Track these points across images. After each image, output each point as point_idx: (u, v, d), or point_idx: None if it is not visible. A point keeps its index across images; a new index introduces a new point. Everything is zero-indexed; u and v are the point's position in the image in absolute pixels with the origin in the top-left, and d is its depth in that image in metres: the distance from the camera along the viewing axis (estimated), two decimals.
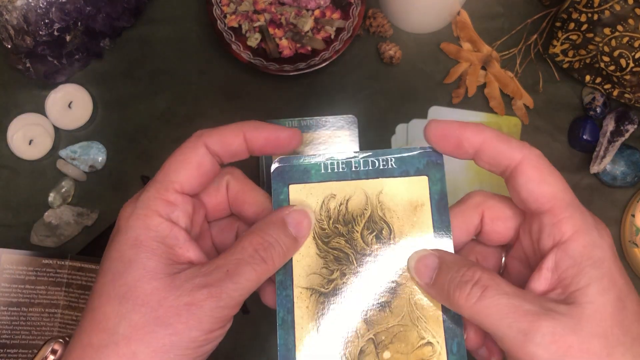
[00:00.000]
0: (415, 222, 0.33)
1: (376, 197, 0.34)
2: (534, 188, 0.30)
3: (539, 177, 0.30)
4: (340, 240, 0.33)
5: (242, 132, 0.34)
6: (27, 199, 0.63)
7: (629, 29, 0.56)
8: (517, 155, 0.30)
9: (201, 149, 0.33)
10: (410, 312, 0.32)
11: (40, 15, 0.58)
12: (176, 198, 0.32)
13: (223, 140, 0.33)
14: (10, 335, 0.58)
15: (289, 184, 0.34)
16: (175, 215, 0.31)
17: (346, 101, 0.65)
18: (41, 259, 0.59)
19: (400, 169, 0.34)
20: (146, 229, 0.30)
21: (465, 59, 0.65)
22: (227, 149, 0.34)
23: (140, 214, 0.31)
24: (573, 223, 0.29)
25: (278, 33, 0.64)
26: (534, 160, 0.30)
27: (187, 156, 0.33)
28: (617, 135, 0.62)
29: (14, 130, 0.62)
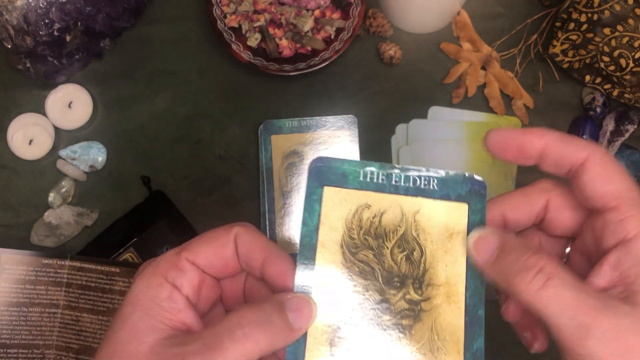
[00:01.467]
0: (449, 250, 0.32)
1: (412, 215, 0.32)
2: (599, 186, 0.30)
3: (605, 175, 0.30)
4: (369, 253, 0.32)
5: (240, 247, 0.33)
6: (27, 199, 0.63)
7: (629, 29, 0.56)
8: (582, 154, 0.30)
9: (231, 236, 0.32)
10: (430, 341, 0.31)
11: (40, 15, 0.58)
12: (185, 265, 0.31)
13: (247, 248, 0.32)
14: (11, 335, 0.58)
15: (324, 185, 0.33)
16: (180, 281, 0.31)
17: (346, 101, 0.65)
18: (41, 259, 0.59)
19: (441, 192, 0.33)
20: (147, 287, 0.30)
21: (465, 59, 0.65)
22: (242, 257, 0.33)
23: (147, 272, 0.31)
24: (638, 222, 0.29)
25: (278, 33, 0.64)
26: (598, 158, 0.30)
27: (214, 235, 0.32)
28: (617, 135, 0.62)
29: (14, 130, 0.62)
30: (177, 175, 0.64)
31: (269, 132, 0.63)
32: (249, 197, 0.63)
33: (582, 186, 0.30)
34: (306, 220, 0.32)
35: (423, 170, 0.33)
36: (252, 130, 0.64)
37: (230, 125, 0.64)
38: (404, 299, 0.31)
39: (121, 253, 0.60)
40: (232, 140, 0.64)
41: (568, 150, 0.30)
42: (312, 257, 0.32)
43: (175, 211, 0.62)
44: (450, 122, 0.64)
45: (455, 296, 0.31)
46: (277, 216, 0.62)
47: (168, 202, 0.63)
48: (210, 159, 0.64)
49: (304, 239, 0.32)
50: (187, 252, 0.31)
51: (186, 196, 0.63)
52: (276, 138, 0.63)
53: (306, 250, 0.32)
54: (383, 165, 0.33)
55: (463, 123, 0.64)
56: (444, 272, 0.32)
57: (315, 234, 0.32)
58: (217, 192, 0.63)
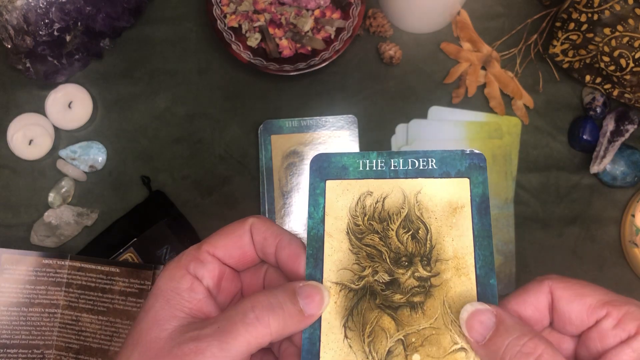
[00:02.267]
0: (454, 224, 0.32)
1: (414, 196, 0.33)
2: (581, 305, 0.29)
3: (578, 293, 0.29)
4: (375, 237, 0.33)
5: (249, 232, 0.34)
6: (27, 199, 0.63)
7: (629, 29, 0.56)
8: (545, 290, 0.30)
9: (246, 227, 0.34)
10: (444, 315, 0.31)
11: (40, 15, 0.58)
12: (205, 257, 0.33)
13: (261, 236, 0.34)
14: (10, 335, 0.58)
15: (326, 180, 0.34)
16: (200, 272, 0.32)
17: (346, 101, 0.65)
18: (41, 259, 0.59)
19: (440, 170, 0.33)
20: (169, 279, 0.32)
21: (465, 59, 0.65)
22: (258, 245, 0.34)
23: (170, 266, 0.32)
24: (634, 317, 0.28)
25: (278, 33, 0.64)
26: (561, 283, 0.30)
27: (231, 228, 0.34)
28: (617, 135, 0.62)
29: (14, 130, 0.62)
30: (177, 175, 0.64)
31: (269, 132, 0.63)
32: (249, 197, 0.63)
33: (567, 314, 0.29)
34: (312, 214, 0.34)
35: (420, 152, 0.34)
36: (252, 130, 0.64)
37: (230, 125, 0.64)
38: (413, 277, 0.32)
39: (121, 253, 0.60)
40: (232, 140, 0.64)
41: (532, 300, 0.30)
42: (321, 247, 0.33)
43: (175, 211, 0.62)
44: (450, 122, 0.64)
45: (465, 268, 0.32)
46: (277, 216, 0.62)
47: (168, 202, 0.63)
48: (210, 159, 0.64)
49: (311, 231, 0.33)
50: (207, 245, 0.33)
51: (186, 196, 0.63)
52: (276, 138, 0.63)
53: (314, 241, 0.33)
54: (381, 153, 0.34)
55: (463, 123, 0.64)
56: (451, 246, 0.32)
57: (322, 225, 0.33)
58: (217, 192, 0.63)
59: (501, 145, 0.63)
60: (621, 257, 0.63)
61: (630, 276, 0.63)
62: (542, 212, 0.63)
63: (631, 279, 0.63)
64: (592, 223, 0.63)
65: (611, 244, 0.63)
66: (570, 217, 0.63)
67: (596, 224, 0.63)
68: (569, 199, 0.64)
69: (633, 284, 0.63)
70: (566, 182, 0.64)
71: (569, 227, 0.63)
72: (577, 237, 0.63)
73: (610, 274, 0.63)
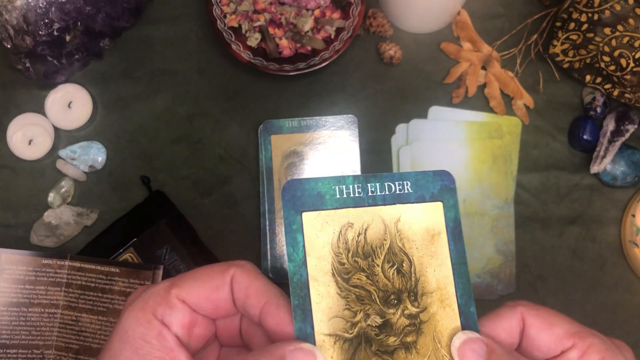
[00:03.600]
0: (434, 253, 0.31)
1: (395, 225, 0.31)
2: (549, 334, 0.29)
3: (548, 322, 0.29)
4: (361, 276, 0.30)
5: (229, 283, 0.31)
6: (27, 199, 0.63)
7: (629, 29, 0.56)
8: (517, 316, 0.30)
9: (226, 278, 0.31)
10: (435, 352, 0.30)
11: (40, 15, 0.58)
12: (175, 303, 0.30)
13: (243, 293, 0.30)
14: (10, 336, 0.58)
15: (302, 212, 0.30)
16: (168, 319, 0.30)
17: (346, 101, 0.65)
18: (41, 259, 0.59)
19: (416, 194, 0.31)
20: (136, 323, 0.29)
21: (465, 59, 0.65)
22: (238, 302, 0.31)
23: (136, 306, 0.30)
24: (598, 350, 0.28)
25: (278, 33, 0.64)
26: (532, 311, 0.30)
27: (209, 274, 0.31)
28: (618, 135, 0.62)
29: (13, 130, 0.62)
30: (176, 175, 0.64)
31: (269, 132, 0.63)
32: (249, 197, 0.63)
33: (536, 342, 0.30)
34: (291, 255, 0.30)
35: (396, 175, 0.32)
36: (252, 130, 0.64)
37: (230, 125, 0.64)
38: (404, 315, 0.30)
39: (121, 253, 0.60)
40: (232, 140, 0.64)
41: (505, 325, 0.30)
42: (307, 295, 0.30)
43: (175, 211, 0.62)
44: (451, 122, 0.64)
45: (448, 299, 0.31)
46: (277, 216, 0.62)
47: (168, 202, 0.63)
48: (210, 159, 0.64)
49: (293, 276, 0.30)
50: (178, 289, 0.30)
51: (186, 196, 0.63)
52: (276, 138, 0.63)
53: (298, 288, 0.30)
54: (357, 177, 0.31)
55: (463, 123, 0.64)
56: (434, 277, 0.31)
57: (305, 268, 0.30)
58: (217, 192, 0.63)
59: (501, 145, 0.63)
60: (621, 257, 0.63)
61: (630, 276, 0.63)
62: (542, 212, 0.63)
63: (631, 279, 0.63)
64: (592, 223, 0.63)
65: (611, 244, 0.63)
66: (570, 217, 0.63)
67: (596, 224, 0.63)
68: (569, 199, 0.64)
69: (633, 284, 0.63)
70: (566, 182, 0.64)
71: (569, 227, 0.63)
72: (577, 237, 0.63)
73: (610, 274, 0.63)
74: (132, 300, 0.30)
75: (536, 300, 0.62)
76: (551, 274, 0.63)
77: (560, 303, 0.62)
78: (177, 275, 0.31)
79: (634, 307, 0.62)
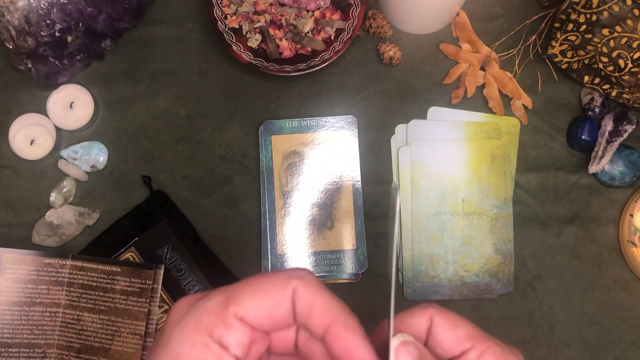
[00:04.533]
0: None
1: None
2: (452, 334, 0.31)
3: (451, 324, 0.31)
4: None
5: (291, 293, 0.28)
6: (29, 199, 0.63)
7: (628, 30, 0.57)
8: (426, 316, 0.31)
9: (288, 293, 0.28)
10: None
11: (41, 16, 0.58)
12: (233, 323, 0.27)
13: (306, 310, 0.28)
14: (12, 335, 0.58)
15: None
16: (227, 340, 0.27)
17: (346, 102, 0.65)
18: (43, 259, 0.59)
19: None
20: (191, 347, 0.26)
21: (464, 60, 0.65)
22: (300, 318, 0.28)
23: (189, 324, 0.27)
24: (494, 352, 0.30)
25: (278, 34, 0.64)
26: (440, 313, 0.31)
27: (271, 290, 0.28)
28: (616, 136, 0.62)
29: (15, 130, 0.63)
30: (177, 175, 0.64)
31: (269, 132, 0.63)
32: (249, 197, 0.63)
33: (439, 340, 0.31)
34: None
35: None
36: (252, 131, 0.64)
37: (231, 126, 0.65)
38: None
39: (122, 252, 0.60)
40: (232, 141, 0.64)
41: (415, 322, 0.31)
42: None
43: (176, 211, 0.63)
44: (450, 123, 0.64)
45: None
46: (277, 216, 0.62)
47: (169, 201, 0.63)
48: (211, 159, 0.64)
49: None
50: (236, 306, 0.27)
51: (187, 196, 0.63)
52: (276, 138, 0.63)
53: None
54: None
55: (462, 123, 0.64)
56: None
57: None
58: (218, 192, 0.64)
59: (500, 146, 0.64)
60: (619, 257, 0.63)
61: (628, 276, 0.63)
62: (540, 212, 0.64)
63: (629, 278, 0.63)
64: (590, 223, 0.64)
65: (610, 243, 0.63)
66: (568, 217, 0.64)
67: (595, 224, 0.64)
68: (568, 199, 0.64)
69: (631, 284, 0.63)
70: (565, 182, 0.64)
71: (568, 226, 0.64)
72: (575, 237, 0.64)
73: (608, 274, 0.63)
74: (179, 317, 0.27)
75: (535, 299, 0.63)
76: (549, 273, 0.63)
77: (558, 302, 0.63)
78: (231, 286, 0.28)
79: (632, 306, 0.63)
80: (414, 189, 0.63)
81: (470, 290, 0.62)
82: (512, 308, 0.63)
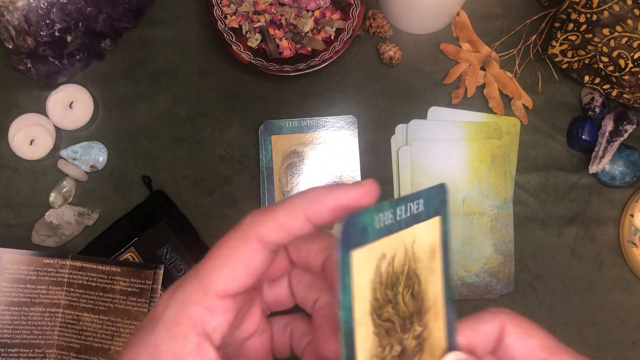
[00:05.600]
0: (433, 269, 0.29)
1: (411, 248, 0.29)
2: (524, 344, 0.30)
3: (525, 334, 0.30)
4: (389, 308, 0.28)
5: (302, 212, 0.27)
6: (28, 199, 0.63)
7: (628, 30, 0.57)
8: (497, 322, 0.30)
9: (253, 244, 0.27)
10: None
11: (41, 15, 0.58)
12: (216, 304, 0.27)
13: (280, 228, 0.27)
14: (12, 335, 0.58)
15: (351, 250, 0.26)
16: (211, 326, 0.27)
17: (346, 102, 0.65)
18: (42, 259, 0.59)
19: (426, 211, 0.29)
20: (171, 338, 0.26)
21: (464, 60, 0.65)
22: (286, 235, 0.27)
23: (170, 316, 0.26)
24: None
25: (278, 34, 0.64)
26: (514, 320, 0.30)
27: (235, 251, 0.27)
28: (616, 136, 0.62)
29: (15, 130, 0.63)
30: (177, 175, 0.64)
31: (269, 132, 0.63)
32: (249, 197, 0.63)
33: (511, 350, 0.30)
34: (344, 303, 0.26)
35: (415, 194, 0.29)
36: (252, 131, 0.64)
37: (231, 126, 0.65)
38: (414, 337, 0.29)
39: (122, 253, 0.60)
40: (232, 140, 0.64)
41: (485, 329, 0.30)
42: (353, 343, 0.27)
43: (176, 211, 0.63)
44: (450, 123, 0.64)
45: (440, 312, 0.30)
46: None
47: (169, 202, 0.63)
48: (211, 159, 0.64)
49: (345, 326, 0.26)
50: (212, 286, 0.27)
51: (187, 196, 0.63)
52: (276, 138, 0.63)
53: (348, 338, 0.27)
54: (390, 202, 0.28)
55: (462, 123, 0.64)
56: (432, 293, 0.29)
57: (352, 314, 0.27)
58: (218, 192, 0.64)
59: (500, 146, 0.64)
60: (620, 257, 0.63)
61: (628, 276, 0.63)
62: (541, 212, 0.64)
63: (630, 278, 0.63)
64: (590, 223, 0.64)
65: (610, 243, 0.63)
66: (569, 217, 0.64)
67: (595, 224, 0.64)
68: (568, 199, 0.64)
69: (631, 284, 0.63)
70: (565, 182, 0.64)
71: (568, 226, 0.64)
72: (575, 237, 0.63)
73: (609, 274, 0.63)
74: (162, 311, 0.27)
75: (535, 299, 0.63)
76: (550, 273, 0.63)
77: (558, 302, 0.63)
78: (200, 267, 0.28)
79: (632, 306, 0.63)
80: (414, 189, 0.63)
81: (470, 290, 0.62)
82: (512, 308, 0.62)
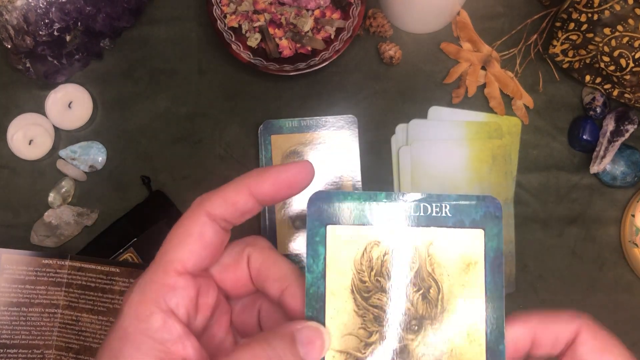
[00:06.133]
0: (466, 283, 0.29)
1: (426, 248, 0.29)
2: (600, 358, 0.28)
3: (602, 347, 0.29)
4: (382, 297, 0.29)
5: (245, 187, 0.30)
6: (27, 199, 0.63)
7: (629, 29, 0.56)
8: (572, 328, 0.29)
9: (202, 218, 0.29)
10: None
11: (40, 15, 0.58)
12: (176, 281, 0.28)
13: (226, 202, 0.30)
14: (10, 335, 0.58)
15: (327, 224, 0.29)
16: (174, 302, 0.28)
17: (346, 101, 0.65)
18: (41, 259, 0.59)
19: (454, 218, 0.29)
20: (136, 319, 0.27)
21: (465, 59, 0.65)
22: (232, 210, 0.30)
23: (134, 300, 0.28)
24: None
25: (278, 33, 0.64)
26: (591, 328, 0.29)
27: (187, 228, 0.29)
28: (617, 135, 0.62)
29: (14, 130, 0.62)
30: (177, 175, 0.64)
31: (269, 132, 0.63)
32: None
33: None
34: (311, 267, 0.29)
35: (434, 196, 0.30)
36: (252, 130, 0.64)
37: (231, 125, 0.65)
38: (424, 343, 0.29)
39: (121, 253, 0.60)
40: (232, 140, 0.64)
41: (558, 330, 0.29)
42: (322, 308, 0.29)
43: (175, 211, 0.63)
44: (450, 122, 0.64)
45: (476, 334, 0.29)
46: (277, 216, 0.62)
47: (168, 202, 0.63)
48: (211, 159, 0.64)
49: (310, 287, 0.29)
50: (171, 262, 0.28)
51: (186, 196, 0.63)
52: (276, 138, 0.63)
53: (314, 300, 0.29)
54: (389, 194, 0.30)
55: (463, 123, 0.64)
56: (463, 309, 0.29)
57: (323, 281, 0.29)
58: None
59: (501, 145, 0.63)
60: (621, 257, 0.63)
61: (630, 276, 0.63)
62: (542, 212, 0.63)
63: (631, 279, 0.63)
64: (592, 223, 0.63)
65: (611, 244, 0.63)
66: (570, 217, 0.63)
67: (596, 224, 0.63)
68: (569, 199, 0.64)
69: (633, 284, 0.63)
70: (566, 182, 0.64)
71: (569, 227, 0.63)
72: (577, 237, 0.63)
73: (610, 274, 0.63)
74: (128, 296, 0.28)
75: (535, 300, 0.62)
76: (551, 273, 0.63)
77: (559, 303, 0.63)
78: (160, 249, 0.29)
79: (634, 307, 0.63)
80: (415, 189, 0.63)
81: None
82: (513, 308, 0.62)
